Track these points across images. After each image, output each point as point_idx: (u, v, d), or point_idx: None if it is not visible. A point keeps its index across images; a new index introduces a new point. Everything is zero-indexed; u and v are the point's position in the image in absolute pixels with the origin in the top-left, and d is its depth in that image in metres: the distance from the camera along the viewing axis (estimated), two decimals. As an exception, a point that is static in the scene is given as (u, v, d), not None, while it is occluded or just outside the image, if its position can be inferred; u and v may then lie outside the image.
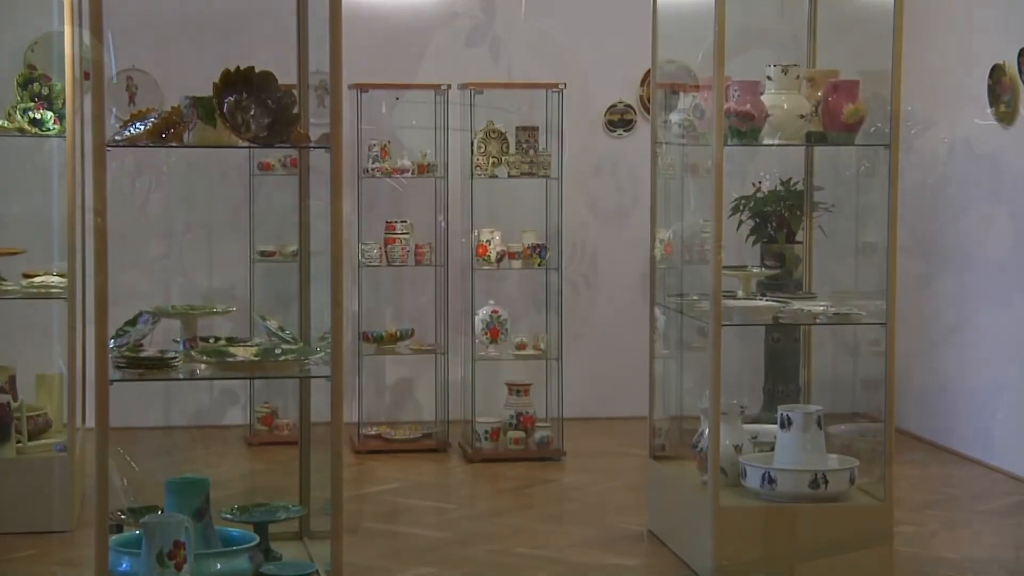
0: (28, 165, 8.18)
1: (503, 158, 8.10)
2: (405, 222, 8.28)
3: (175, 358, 4.80)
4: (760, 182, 8.42)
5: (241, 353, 4.86)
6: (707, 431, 5.79)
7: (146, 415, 8.48)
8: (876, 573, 5.76)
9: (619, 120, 9.21)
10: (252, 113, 4.66)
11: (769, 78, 5.84)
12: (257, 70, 4.70)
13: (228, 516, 5.04)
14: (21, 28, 8.17)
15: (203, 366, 4.82)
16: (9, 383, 6.63)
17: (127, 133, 4.80)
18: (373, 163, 8.25)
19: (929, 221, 8.50)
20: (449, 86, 8.28)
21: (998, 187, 7.88)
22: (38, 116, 6.73)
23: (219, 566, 4.56)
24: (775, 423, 5.89)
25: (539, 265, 8.19)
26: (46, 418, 6.78)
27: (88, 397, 6.73)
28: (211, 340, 5.21)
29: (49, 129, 6.75)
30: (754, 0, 6.82)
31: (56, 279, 6.75)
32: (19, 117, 6.73)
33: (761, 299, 6.30)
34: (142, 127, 4.77)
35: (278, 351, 4.93)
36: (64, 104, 6.65)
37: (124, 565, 4.51)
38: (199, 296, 8.48)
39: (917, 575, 6.04)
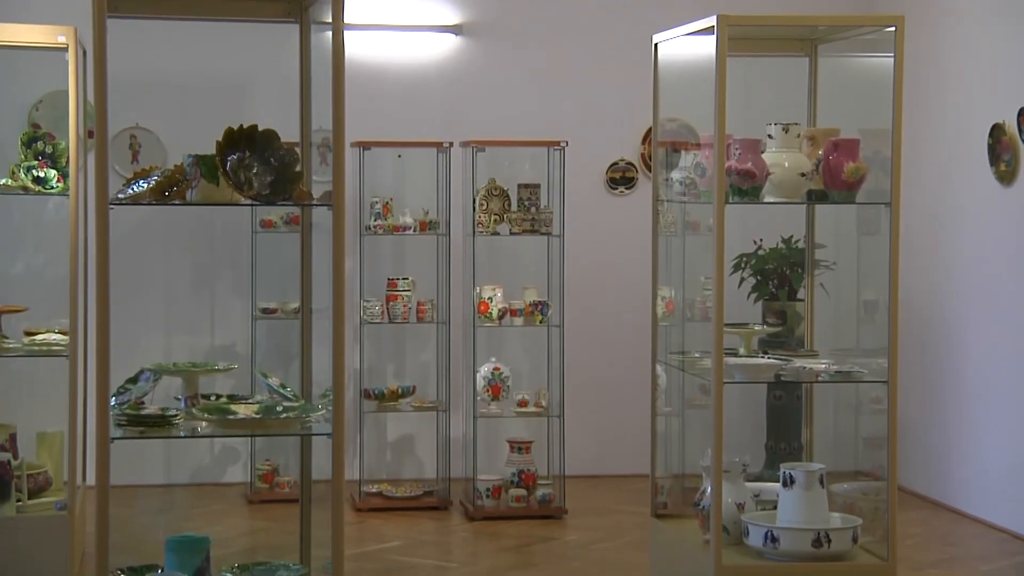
0: (31, 223, 8.21)
1: (505, 215, 8.12)
2: (407, 279, 8.29)
3: (176, 416, 4.79)
4: (761, 240, 8.43)
5: (242, 411, 4.85)
6: (709, 489, 5.77)
7: (146, 472, 8.46)
8: (880, 633, 5.72)
9: (620, 178, 9.23)
10: (255, 171, 4.68)
11: (770, 136, 5.86)
12: (260, 128, 4.73)
13: (228, 575, 5.02)
14: (26, 87, 8.22)
15: (204, 424, 4.82)
16: (10, 441, 6.62)
17: (130, 191, 4.82)
18: (375, 220, 8.27)
19: (930, 280, 8.50)
20: (451, 143, 8.31)
21: (998, 246, 7.88)
22: (42, 174, 6.76)
23: (219, 625, 4.54)
24: (777, 481, 5.87)
25: (541, 322, 8.19)
26: (46, 476, 6.76)
27: (89, 455, 6.72)
28: (212, 397, 5.21)
29: (52, 187, 6.77)
30: (755, 58, 6.85)
31: (58, 336, 6.75)
32: (23, 175, 6.76)
33: (763, 357, 6.29)
34: (145, 185, 4.79)
35: (279, 408, 4.93)
36: (68, 162, 6.68)
37: (124, 624, 4.49)
38: (201, 353, 8.47)
39: (921, 635, 6.01)
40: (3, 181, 6.80)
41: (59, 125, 7.02)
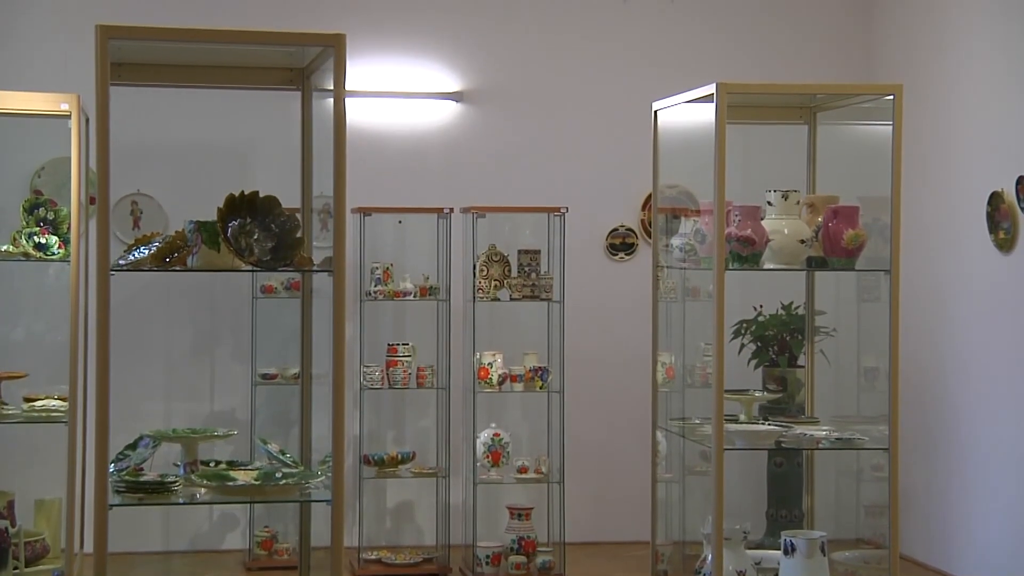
0: (32, 289, 8.21)
1: (505, 281, 8.13)
2: (407, 345, 8.29)
3: (175, 482, 4.78)
4: (761, 306, 8.44)
5: (242, 477, 4.84)
6: (710, 556, 5.75)
7: (145, 539, 8.42)
8: None
9: (621, 244, 9.25)
10: (256, 237, 4.70)
11: (770, 203, 5.89)
12: (261, 195, 4.75)
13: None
14: (28, 154, 8.26)
15: (203, 490, 4.80)
16: (8, 508, 6.60)
17: (131, 257, 4.84)
18: (375, 286, 8.28)
19: (930, 346, 8.50)
20: (452, 209, 8.34)
21: (997, 313, 7.89)
22: (43, 241, 6.78)
23: None
24: (778, 549, 5.84)
25: (541, 388, 8.17)
26: (44, 544, 6.73)
27: (87, 522, 6.69)
28: (212, 464, 5.20)
29: (54, 253, 6.79)
30: (754, 125, 6.89)
31: (57, 403, 6.74)
32: (24, 242, 6.77)
33: (763, 423, 6.28)
34: (146, 251, 4.80)
35: (279, 475, 4.92)
36: (69, 229, 6.70)
37: None
38: (200, 419, 8.46)
39: None
40: (4, 247, 6.82)
41: (61, 192, 7.05)
